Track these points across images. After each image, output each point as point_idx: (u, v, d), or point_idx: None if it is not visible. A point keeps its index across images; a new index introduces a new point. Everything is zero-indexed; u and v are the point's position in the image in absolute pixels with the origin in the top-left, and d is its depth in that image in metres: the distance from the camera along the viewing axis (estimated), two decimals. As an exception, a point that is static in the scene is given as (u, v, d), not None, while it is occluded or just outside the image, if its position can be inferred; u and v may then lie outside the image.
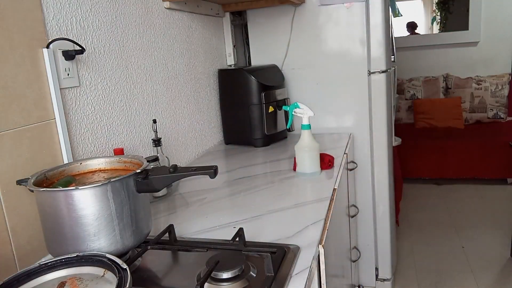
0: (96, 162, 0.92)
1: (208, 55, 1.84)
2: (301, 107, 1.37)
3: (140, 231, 0.84)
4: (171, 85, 1.52)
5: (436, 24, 4.57)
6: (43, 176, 0.83)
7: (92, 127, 1.12)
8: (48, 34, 0.97)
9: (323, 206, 1.10)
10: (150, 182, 0.82)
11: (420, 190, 3.68)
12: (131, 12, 1.29)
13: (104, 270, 0.67)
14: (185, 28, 1.64)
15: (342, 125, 2.04)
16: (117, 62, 1.22)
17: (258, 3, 1.94)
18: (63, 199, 0.75)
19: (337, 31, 1.96)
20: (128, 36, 1.27)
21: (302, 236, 0.94)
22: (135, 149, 1.30)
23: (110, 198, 0.77)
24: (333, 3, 1.93)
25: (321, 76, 2.03)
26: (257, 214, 1.09)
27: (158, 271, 0.85)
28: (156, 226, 1.04)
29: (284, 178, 1.38)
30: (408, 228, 2.96)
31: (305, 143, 1.35)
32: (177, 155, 1.55)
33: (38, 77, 0.94)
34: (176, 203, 1.23)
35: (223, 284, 0.75)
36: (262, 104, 1.78)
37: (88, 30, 1.10)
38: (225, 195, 1.27)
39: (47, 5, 0.97)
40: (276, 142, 1.88)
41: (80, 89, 1.07)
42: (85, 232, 0.76)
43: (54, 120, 0.97)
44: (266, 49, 2.09)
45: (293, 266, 0.81)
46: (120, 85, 1.23)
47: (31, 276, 0.66)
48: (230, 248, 0.87)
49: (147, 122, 1.36)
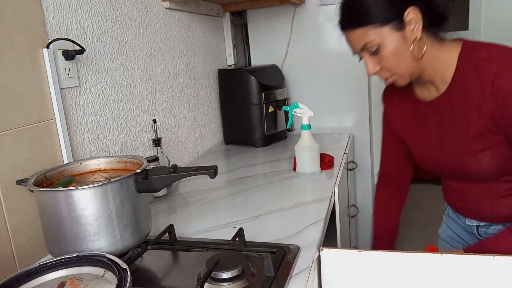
0: (96, 162, 0.92)
1: (208, 55, 1.84)
2: (301, 107, 1.37)
3: (140, 231, 0.84)
4: (171, 85, 1.52)
5: (436, 24, 4.57)
6: (43, 176, 0.83)
7: (92, 127, 1.12)
8: (48, 34, 0.97)
9: (323, 206, 1.10)
10: (150, 182, 0.82)
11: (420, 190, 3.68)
12: (131, 12, 1.29)
13: (104, 270, 0.67)
14: (185, 28, 1.64)
15: (342, 125, 2.04)
16: (117, 62, 1.22)
17: (258, 3, 1.94)
18: (63, 199, 0.74)
19: (337, 31, 1.94)
20: (128, 36, 1.27)
21: (302, 236, 0.94)
22: (135, 149, 1.30)
23: (110, 198, 0.77)
24: (333, 3, 1.93)
25: (321, 76, 2.03)
26: (257, 214, 1.09)
27: (158, 271, 0.85)
28: (156, 226, 1.04)
29: (284, 178, 1.38)
30: (408, 228, 2.96)
31: (305, 143, 1.35)
32: (177, 155, 1.55)
33: (38, 77, 0.94)
34: (176, 203, 1.22)
35: (223, 284, 0.75)
36: (262, 104, 1.78)
37: (88, 30, 1.10)
38: (225, 195, 1.27)
39: (47, 5, 0.97)
40: (276, 142, 1.88)
41: (80, 89, 1.07)
42: (85, 232, 0.76)
43: (54, 120, 0.97)
44: (266, 49, 2.09)
45: (293, 266, 0.81)
46: (120, 85, 1.23)
47: (31, 276, 0.66)
48: (230, 248, 0.87)
49: (147, 122, 1.36)
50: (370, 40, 0.90)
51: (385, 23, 0.87)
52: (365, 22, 0.89)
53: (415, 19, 0.86)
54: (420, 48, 0.90)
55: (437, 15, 0.91)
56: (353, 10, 0.92)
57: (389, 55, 0.90)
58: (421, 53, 0.90)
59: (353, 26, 0.92)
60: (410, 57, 0.89)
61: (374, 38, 0.89)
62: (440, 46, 0.92)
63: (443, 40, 0.93)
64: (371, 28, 0.88)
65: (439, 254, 0.77)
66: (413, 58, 0.89)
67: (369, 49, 0.91)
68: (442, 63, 0.92)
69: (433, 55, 0.91)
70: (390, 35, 0.88)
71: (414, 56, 0.89)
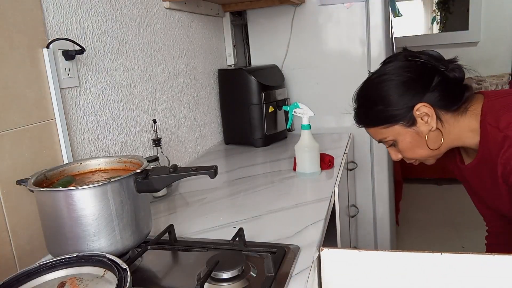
0: (96, 162, 0.92)
1: (208, 55, 1.84)
2: (301, 107, 1.37)
3: (140, 231, 0.84)
4: (171, 85, 1.52)
5: (436, 24, 4.57)
6: (43, 176, 0.83)
7: (92, 127, 1.12)
8: (48, 34, 0.97)
9: (323, 206, 1.10)
10: (150, 182, 0.82)
11: (420, 190, 3.68)
12: (131, 12, 1.29)
13: (104, 270, 0.67)
14: (185, 28, 1.64)
15: (342, 125, 2.04)
16: (117, 62, 1.22)
17: (258, 3, 1.94)
18: (63, 199, 0.74)
19: (337, 31, 1.96)
20: (128, 36, 1.27)
21: (302, 236, 0.94)
22: (135, 149, 1.30)
23: (110, 198, 0.77)
24: (333, 3, 1.93)
25: (321, 76, 2.03)
26: (257, 214, 1.09)
27: (158, 271, 0.85)
28: (156, 226, 1.04)
29: (284, 178, 1.38)
30: (408, 228, 2.95)
31: (305, 143, 1.35)
32: (177, 155, 1.55)
33: (38, 77, 0.94)
34: (176, 203, 1.22)
35: (223, 284, 0.75)
36: (262, 104, 1.78)
37: (88, 30, 1.10)
38: (225, 195, 1.27)
39: (47, 5, 0.97)
40: (276, 142, 1.88)
41: (80, 89, 1.07)
42: (85, 232, 0.76)
43: (54, 120, 0.97)
44: (266, 49, 2.09)
45: (293, 266, 0.81)
46: (120, 85, 1.23)
47: (31, 276, 0.66)
48: (230, 248, 0.87)
49: (147, 122, 1.36)
50: (384, 137, 0.92)
51: (395, 123, 0.89)
52: (375, 124, 0.92)
53: (426, 112, 0.86)
54: (437, 138, 0.89)
55: (454, 95, 0.89)
56: (364, 113, 0.95)
57: (405, 149, 0.92)
58: (439, 142, 0.89)
59: (366, 126, 0.95)
60: (428, 146, 0.90)
61: (388, 135, 0.92)
62: (462, 118, 0.90)
63: (465, 111, 0.90)
64: (383, 128, 0.91)
65: (439, 253, 0.77)
66: (432, 145, 0.90)
67: (386, 143, 0.94)
68: (466, 134, 0.90)
69: (456, 132, 0.90)
70: (402, 131, 0.89)
71: (432, 145, 0.89)
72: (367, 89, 0.95)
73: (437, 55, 0.90)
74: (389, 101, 0.88)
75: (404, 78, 0.88)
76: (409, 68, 0.89)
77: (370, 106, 0.92)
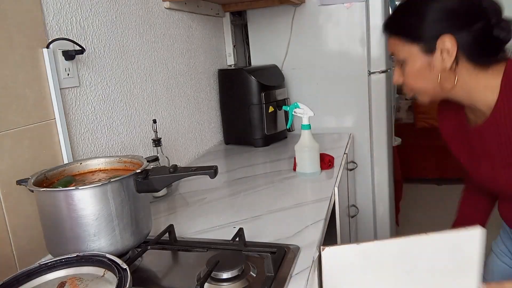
0: (96, 162, 0.92)
1: (208, 55, 1.84)
2: (301, 107, 1.37)
3: (140, 231, 0.84)
4: (171, 85, 1.52)
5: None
6: (43, 176, 0.83)
7: (92, 127, 1.12)
8: (48, 34, 0.97)
9: (323, 206, 1.10)
10: (150, 182, 0.82)
11: (420, 190, 3.68)
12: (131, 12, 1.29)
13: (104, 270, 0.67)
14: (185, 28, 1.64)
15: (342, 125, 2.04)
16: (117, 62, 1.22)
17: (258, 3, 1.94)
18: (63, 199, 0.75)
19: (337, 31, 1.96)
20: (128, 36, 1.27)
21: (302, 236, 0.94)
22: (135, 149, 1.30)
23: (110, 198, 0.77)
24: (333, 3, 1.93)
25: (321, 76, 2.03)
26: (257, 214, 1.09)
27: (158, 271, 0.85)
28: (156, 226, 1.04)
29: (284, 178, 1.38)
30: (408, 228, 2.95)
31: (305, 143, 1.35)
32: (177, 155, 1.55)
33: (38, 77, 0.94)
34: (176, 203, 1.22)
35: (223, 284, 0.75)
36: (262, 104, 1.78)
37: (88, 30, 1.10)
38: (225, 195, 1.27)
39: (47, 5, 0.97)
40: (276, 142, 1.88)
41: (80, 89, 1.07)
42: (85, 232, 0.76)
43: (54, 120, 0.97)
44: (266, 49, 2.09)
45: (293, 266, 0.81)
46: (120, 85, 1.23)
47: (31, 276, 0.66)
48: (230, 248, 0.87)
49: (147, 122, 1.36)
50: (397, 51, 0.90)
51: (415, 41, 0.86)
52: (399, 33, 0.89)
53: (448, 48, 0.83)
54: (450, 79, 0.86)
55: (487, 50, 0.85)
56: (397, 18, 0.92)
57: (410, 74, 0.89)
58: (451, 84, 0.86)
59: (390, 32, 0.92)
60: (433, 83, 0.87)
61: (401, 51, 0.89)
62: (481, 73, 0.86)
63: (487, 66, 0.86)
64: (402, 40, 0.88)
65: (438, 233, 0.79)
66: (439, 85, 0.86)
67: (395, 60, 0.92)
68: (480, 91, 0.87)
69: (468, 85, 0.87)
70: (417, 55, 0.86)
71: (441, 85, 0.86)
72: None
73: (498, 8, 0.84)
74: (424, 19, 0.85)
75: (450, 5, 0.84)
76: (462, 1, 0.84)
77: (406, 14, 0.89)
